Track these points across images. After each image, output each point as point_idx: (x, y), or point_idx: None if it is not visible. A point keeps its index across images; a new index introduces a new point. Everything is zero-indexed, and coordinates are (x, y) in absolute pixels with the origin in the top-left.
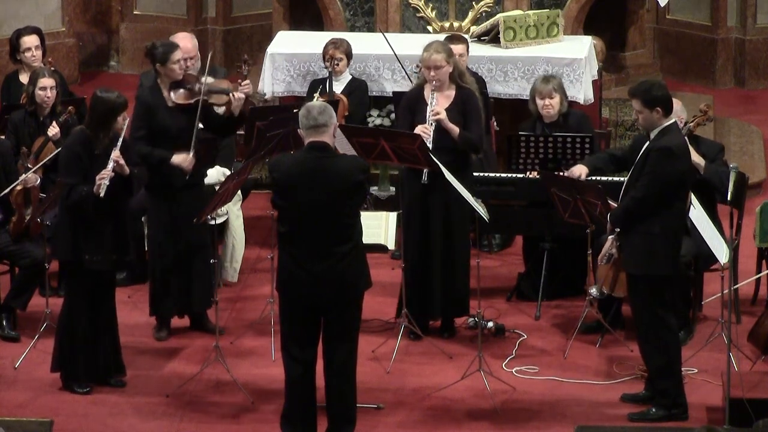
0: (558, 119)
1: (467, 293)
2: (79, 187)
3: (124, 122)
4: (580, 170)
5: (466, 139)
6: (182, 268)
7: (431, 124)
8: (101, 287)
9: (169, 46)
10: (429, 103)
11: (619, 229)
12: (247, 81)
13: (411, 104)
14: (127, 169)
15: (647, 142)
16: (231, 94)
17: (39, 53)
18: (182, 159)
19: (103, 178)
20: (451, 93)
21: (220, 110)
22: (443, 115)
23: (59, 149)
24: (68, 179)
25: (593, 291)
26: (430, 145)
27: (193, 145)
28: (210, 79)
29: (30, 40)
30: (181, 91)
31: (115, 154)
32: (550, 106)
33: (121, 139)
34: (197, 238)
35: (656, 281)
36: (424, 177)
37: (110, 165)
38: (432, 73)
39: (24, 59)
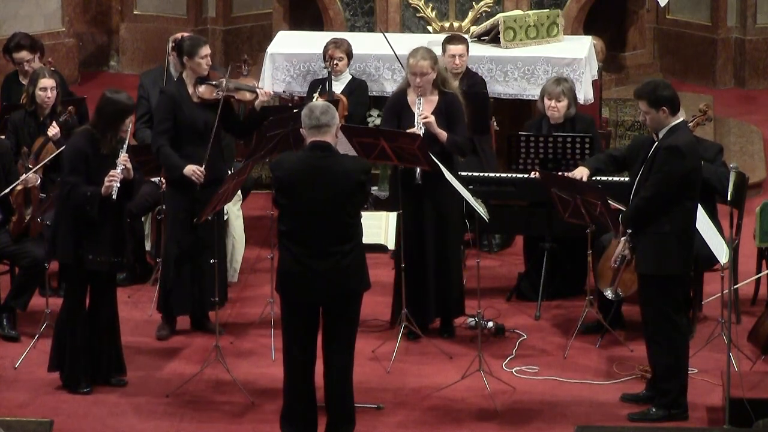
0: (564, 122)
1: (462, 292)
2: (81, 188)
3: (129, 124)
4: (581, 172)
5: (455, 143)
6: (196, 266)
7: (420, 128)
8: (100, 288)
9: (196, 41)
10: (416, 107)
11: (630, 231)
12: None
13: (396, 109)
14: (132, 173)
15: (656, 142)
16: (257, 92)
17: (34, 63)
18: (192, 171)
19: (114, 179)
20: (435, 98)
21: (248, 96)
22: (432, 119)
23: (60, 149)
24: (70, 178)
25: (608, 293)
26: None
27: (212, 142)
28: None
29: (21, 56)
30: (206, 86)
31: (123, 157)
32: (555, 109)
33: (127, 142)
34: (211, 236)
35: (667, 281)
36: (418, 177)
37: (119, 167)
38: (417, 80)
39: (20, 69)
